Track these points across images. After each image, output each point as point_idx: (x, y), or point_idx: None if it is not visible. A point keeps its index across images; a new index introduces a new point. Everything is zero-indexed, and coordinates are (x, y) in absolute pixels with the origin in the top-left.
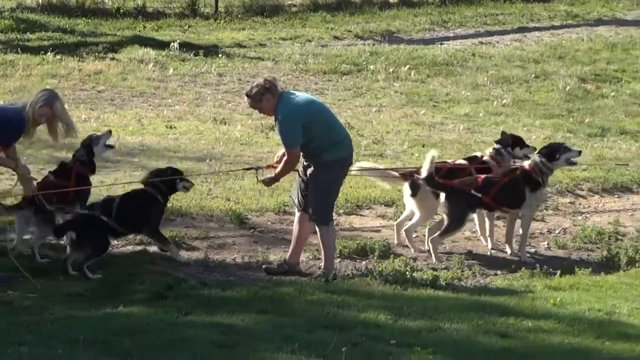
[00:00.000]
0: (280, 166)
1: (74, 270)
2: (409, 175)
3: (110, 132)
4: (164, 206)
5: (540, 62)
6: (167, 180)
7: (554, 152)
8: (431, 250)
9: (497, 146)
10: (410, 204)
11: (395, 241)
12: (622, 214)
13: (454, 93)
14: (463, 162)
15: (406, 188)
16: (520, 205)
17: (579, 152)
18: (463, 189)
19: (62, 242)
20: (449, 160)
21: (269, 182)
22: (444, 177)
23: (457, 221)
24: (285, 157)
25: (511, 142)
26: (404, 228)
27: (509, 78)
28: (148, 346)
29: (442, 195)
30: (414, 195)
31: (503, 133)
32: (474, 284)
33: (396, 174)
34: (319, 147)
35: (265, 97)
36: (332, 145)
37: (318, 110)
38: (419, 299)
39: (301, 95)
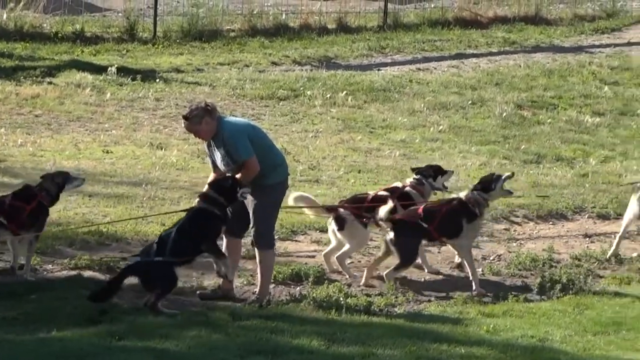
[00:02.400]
0: (239, 175)
1: None
2: (334, 210)
3: (84, 180)
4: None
5: (477, 89)
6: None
7: (489, 183)
8: (386, 281)
9: (417, 176)
10: (338, 238)
11: (328, 270)
12: (557, 241)
13: (391, 119)
14: (384, 193)
15: (332, 223)
16: (458, 235)
17: (512, 174)
18: (410, 220)
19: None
20: (371, 192)
21: None
22: (366, 209)
23: (410, 254)
24: (244, 169)
25: (432, 174)
26: (335, 256)
27: (446, 104)
28: None
29: (390, 232)
30: (341, 229)
31: (413, 169)
32: (408, 310)
33: (322, 208)
34: (260, 170)
35: (205, 120)
36: (272, 169)
37: (258, 132)
38: (353, 325)
39: (240, 118)
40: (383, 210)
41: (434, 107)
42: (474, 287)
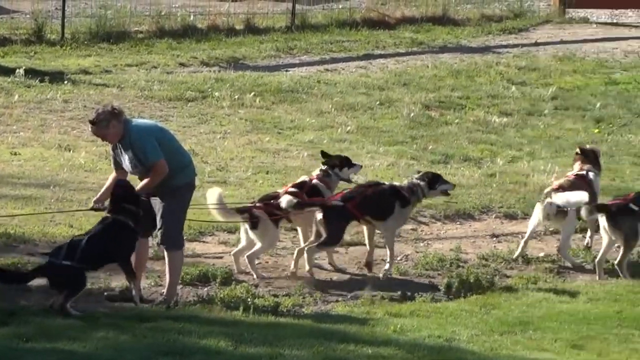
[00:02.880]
0: (147, 180)
1: None
2: (246, 210)
3: None
4: None
5: (384, 89)
6: None
7: (434, 182)
8: (306, 261)
9: (324, 167)
10: (250, 237)
11: (235, 270)
12: (464, 241)
13: (299, 120)
14: (293, 189)
15: (245, 222)
16: (387, 217)
17: (454, 186)
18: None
19: None
20: (280, 191)
21: None
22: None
23: (336, 234)
24: (153, 171)
25: (339, 164)
26: (246, 255)
27: (354, 105)
28: None
29: (319, 213)
30: (254, 228)
31: (323, 153)
32: (315, 311)
33: (232, 209)
34: (168, 171)
35: (112, 124)
36: (180, 170)
37: (165, 134)
38: (260, 325)
39: (147, 120)
40: (285, 200)
41: (342, 108)
42: (387, 267)
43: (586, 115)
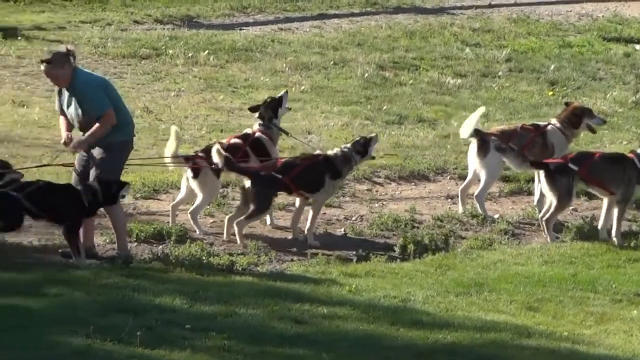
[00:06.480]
0: (96, 126)
1: None
2: (190, 158)
3: None
4: None
5: (339, 49)
6: None
7: (365, 147)
8: (236, 233)
9: (260, 121)
10: (191, 187)
11: (170, 223)
12: (419, 202)
13: (253, 79)
14: (237, 140)
15: (187, 171)
16: (318, 190)
17: (376, 136)
18: (266, 172)
19: None
20: (224, 140)
21: (78, 145)
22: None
23: (263, 205)
24: (102, 119)
25: (272, 113)
26: (189, 211)
27: (308, 65)
28: None
29: (247, 181)
30: (195, 177)
31: (251, 108)
32: (270, 270)
33: (180, 158)
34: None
35: (66, 65)
36: (121, 127)
37: (111, 89)
38: (215, 284)
39: (93, 72)
40: (214, 153)
41: (296, 67)
42: (308, 241)
43: (540, 78)
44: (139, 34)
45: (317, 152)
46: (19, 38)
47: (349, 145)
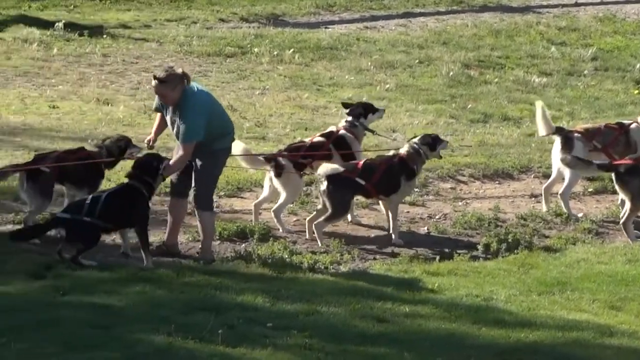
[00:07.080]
0: (179, 156)
1: None
2: (272, 158)
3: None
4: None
5: (424, 48)
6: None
7: (435, 143)
8: (316, 235)
9: (349, 118)
10: (274, 185)
11: (253, 221)
12: (503, 201)
13: (338, 77)
14: (320, 139)
15: (270, 170)
16: (395, 192)
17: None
18: (346, 175)
19: None
20: (307, 139)
21: (166, 174)
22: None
23: (341, 208)
24: (182, 154)
25: (363, 111)
26: (272, 210)
27: (393, 63)
28: (22, 325)
29: (324, 183)
30: (278, 175)
31: (344, 104)
32: (353, 268)
33: (260, 157)
34: (210, 136)
35: (178, 88)
36: (222, 136)
37: (216, 105)
38: (297, 282)
39: (201, 90)
40: (323, 169)
41: (381, 66)
42: (393, 239)
43: (626, 77)
44: (225, 32)
45: (392, 152)
46: (104, 36)
47: (417, 139)
